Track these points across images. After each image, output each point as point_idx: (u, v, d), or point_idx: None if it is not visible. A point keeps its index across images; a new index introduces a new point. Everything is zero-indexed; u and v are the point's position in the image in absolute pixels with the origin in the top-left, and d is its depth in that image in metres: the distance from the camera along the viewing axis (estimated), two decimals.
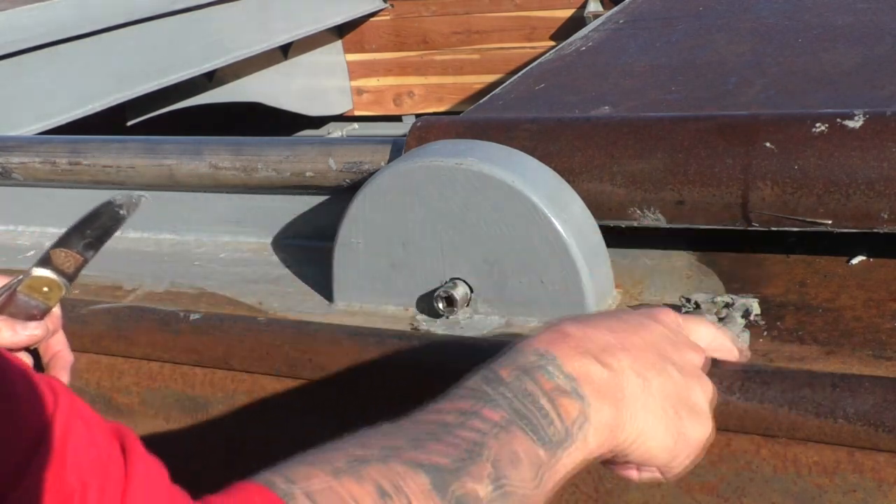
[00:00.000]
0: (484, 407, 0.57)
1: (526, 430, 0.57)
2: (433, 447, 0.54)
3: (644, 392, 0.63)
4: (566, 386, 0.60)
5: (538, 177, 0.93)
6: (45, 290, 0.79)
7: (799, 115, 0.91)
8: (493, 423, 0.57)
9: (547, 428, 0.58)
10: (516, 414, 0.58)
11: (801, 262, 0.95)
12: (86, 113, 2.15)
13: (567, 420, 0.59)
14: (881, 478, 0.73)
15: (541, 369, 0.60)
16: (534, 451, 0.57)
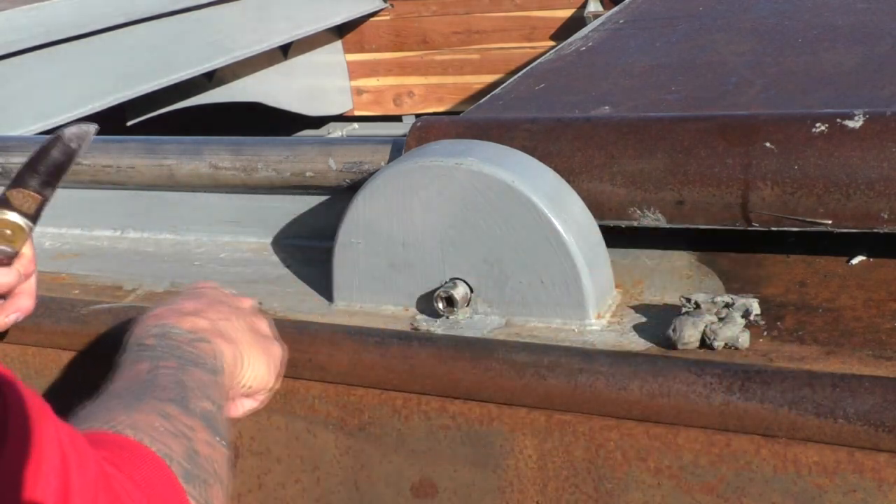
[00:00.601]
0: (159, 361, 0.75)
1: (195, 365, 0.76)
2: (159, 393, 0.71)
3: (237, 331, 0.84)
4: (192, 336, 0.79)
5: (538, 177, 0.93)
6: (7, 233, 0.77)
7: (799, 115, 0.91)
8: (173, 367, 0.74)
9: (204, 362, 0.77)
10: (181, 359, 0.76)
11: (801, 262, 0.95)
12: (86, 113, 2.15)
13: (209, 356, 0.78)
14: (881, 478, 0.73)
15: (168, 333, 0.78)
16: (210, 378, 0.76)
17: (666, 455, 0.81)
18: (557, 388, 0.84)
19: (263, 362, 0.85)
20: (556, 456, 0.85)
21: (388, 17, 3.14)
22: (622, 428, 0.82)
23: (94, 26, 2.15)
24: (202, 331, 0.80)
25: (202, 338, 0.79)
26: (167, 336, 0.78)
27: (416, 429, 0.91)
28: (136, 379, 0.73)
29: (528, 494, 0.87)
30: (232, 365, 0.81)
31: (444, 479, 0.91)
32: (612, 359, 0.84)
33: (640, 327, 0.90)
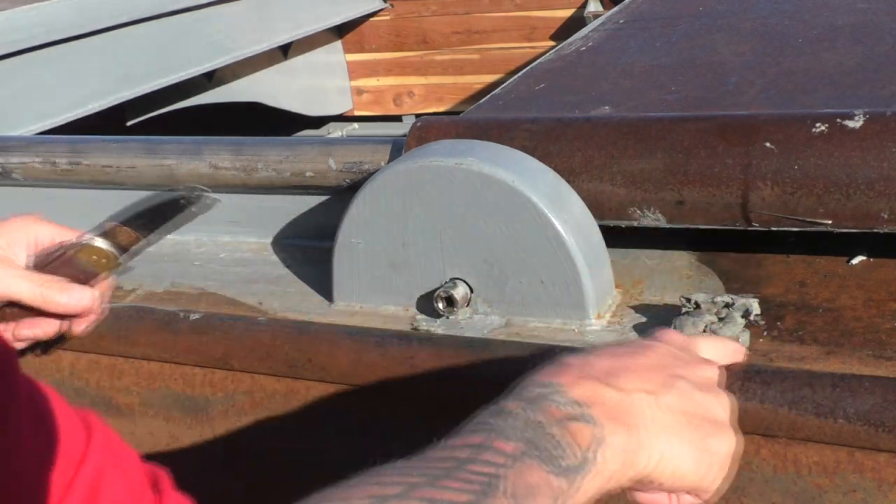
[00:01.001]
0: (496, 439, 0.56)
1: (540, 459, 0.55)
2: (449, 484, 0.53)
3: (659, 411, 0.61)
4: (575, 412, 0.58)
5: (538, 177, 0.93)
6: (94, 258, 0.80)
7: (799, 115, 0.91)
8: (506, 454, 0.55)
9: (561, 456, 0.56)
10: (529, 444, 0.56)
11: (801, 262, 0.95)
12: (86, 113, 2.15)
13: (581, 446, 0.57)
14: (881, 478, 0.73)
15: (546, 398, 0.59)
16: (550, 481, 0.55)
17: None
18: None
19: (690, 457, 0.62)
20: None
21: (388, 17, 3.14)
22: None
23: (94, 26, 2.15)
24: (593, 404, 0.59)
25: (583, 416, 0.58)
26: (538, 403, 0.58)
27: None
28: (452, 455, 0.55)
29: None
30: (619, 457, 0.59)
31: None
32: None
33: (640, 327, 0.90)
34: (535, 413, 0.57)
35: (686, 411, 0.63)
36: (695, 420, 0.63)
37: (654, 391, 0.62)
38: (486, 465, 0.54)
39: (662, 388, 0.62)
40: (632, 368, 0.62)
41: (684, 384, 0.64)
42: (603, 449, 0.57)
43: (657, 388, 0.62)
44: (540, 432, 0.56)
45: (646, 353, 0.65)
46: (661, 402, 0.62)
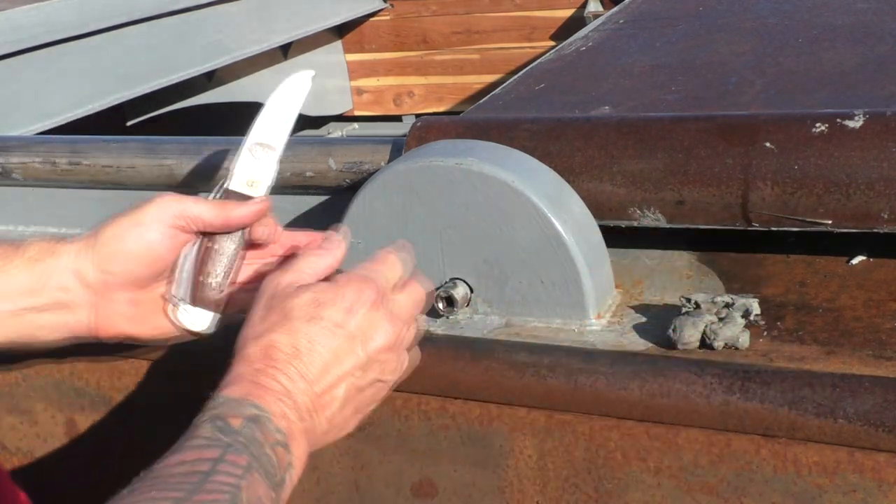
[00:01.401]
0: (228, 453, 0.66)
1: (261, 474, 0.67)
2: (204, 497, 0.63)
3: (330, 422, 0.74)
4: (280, 439, 0.70)
5: (538, 177, 0.93)
6: (252, 183, 0.86)
7: (799, 115, 0.91)
8: (241, 467, 0.65)
9: (274, 473, 0.68)
10: (254, 458, 0.67)
11: (801, 262, 0.95)
12: (86, 113, 2.15)
13: (282, 468, 0.69)
14: (881, 478, 0.73)
15: (262, 422, 0.69)
16: (268, 493, 0.67)
17: (666, 455, 0.81)
18: (557, 388, 0.84)
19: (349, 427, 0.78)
20: (556, 456, 0.85)
21: (388, 17, 3.14)
22: (622, 428, 0.82)
23: (94, 26, 2.15)
24: (291, 434, 0.71)
25: (285, 444, 0.70)
26: (257, 423, 0.69)
27: (416, 429, 0.91)
28: (194, 470, 0.65)
29: (528, 494, 0.87)
30: (297, 474, 0.72)
31: (444, 479, 0.91)
32: (612, 359, 0.84)
33: (640, 327, 0.90)
34: (255, 431, 0.68)
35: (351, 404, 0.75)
36: (360, 401, 0.76)
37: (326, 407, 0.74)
38: (228, 475, 0.64)
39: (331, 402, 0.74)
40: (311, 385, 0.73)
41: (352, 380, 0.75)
42: (291, 472, 0.70)
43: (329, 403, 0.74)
44: (260, 451, 0.68)
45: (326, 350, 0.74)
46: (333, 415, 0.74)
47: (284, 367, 0.73)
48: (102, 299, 0.83)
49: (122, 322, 0.84)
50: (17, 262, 0.82)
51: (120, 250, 0.82)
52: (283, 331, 0.74)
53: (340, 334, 0.74)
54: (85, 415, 1.08)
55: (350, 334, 0.75)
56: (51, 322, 0.83)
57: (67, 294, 0.82)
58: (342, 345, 0.74)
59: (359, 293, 0.76)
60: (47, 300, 0.82)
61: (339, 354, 0.74)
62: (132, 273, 0.83)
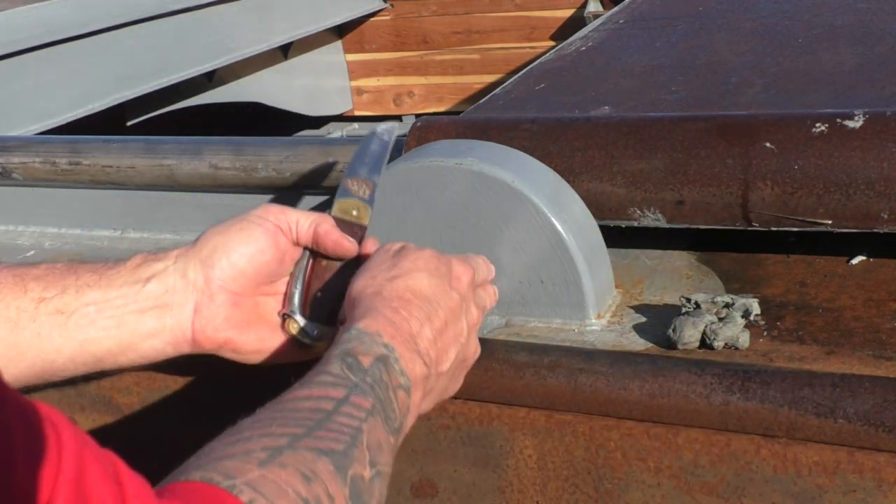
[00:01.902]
0: (353, 394, 0.67)
1: (382, 418, 0.68)
2: (324, 434, 0.63)
3: (438, 381, 0.76)
4: (404, 383, 0.71)
5: (538, 177, 0.93)
6: (355, 213, 0.88)
7: (799, 115, 0.91)
8: (364, 409, 0.67)
9: (393, 418, 0.70)
10: (377, 401, 0.68)
11: (801, 262, 0.95)
12: (86, 113, 2.15)
13: (402, 412, 0.71)
14: (881, 478, 0.73)
15: (389, 363, 0.71)
16: (388, 439, 0.68)
17: (666, 455, 0.81)
18: (557, 388, 0.84)
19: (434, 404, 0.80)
20: (556, 456, 0.85)
21: (388, 17, 3.14)
22: (622, 428, 0.82)
23: (94, 26, 2.15)
24: (415, 379, 0.72)
25: (407, 387, 0.71)
26: (385, 365, 0.70)
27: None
28: (318, 407, 0.66)
29: (528, 494, 0.87)
30: (411, 423, 0.74)
31: (444, 479, 0.91)
32: (612, 359, 0.84)
33: (640, 327, 0.90)
34: (382, 373, 0.70)
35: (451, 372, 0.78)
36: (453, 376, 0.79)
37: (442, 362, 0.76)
38: (350, 418, 0.66)
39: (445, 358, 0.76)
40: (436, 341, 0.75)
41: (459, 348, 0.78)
42: (408, 418, 0.73)
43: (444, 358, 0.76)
44: (384, 394, 0.69)
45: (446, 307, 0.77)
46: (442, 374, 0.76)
47: (417, 312, 0.75)
48: (204, 297, 0.81)
49: (223, 325, 0.81)
50: (121, 270, 0.81)
51: (223, 244, 0.82)
52: (415, 278, 0.76)
53: (455, 296, 0.78)
54: (85, 415, 1.08)
55: (460, 300, 0.78)
56: (151, 327, 0.80)
57: (168, 295, 0.81)
58: (456, 305, 0.78)
59: (465, 269, 0.80)
60: (148, 303, 0.80)
61: (455, 315, 0.78)
62: (235, 266, 0.81)
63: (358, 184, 0.90)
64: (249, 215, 0.84)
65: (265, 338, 0.84)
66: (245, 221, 0.83)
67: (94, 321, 0.79)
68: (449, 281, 0.78)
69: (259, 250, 0.83)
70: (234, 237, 0.82)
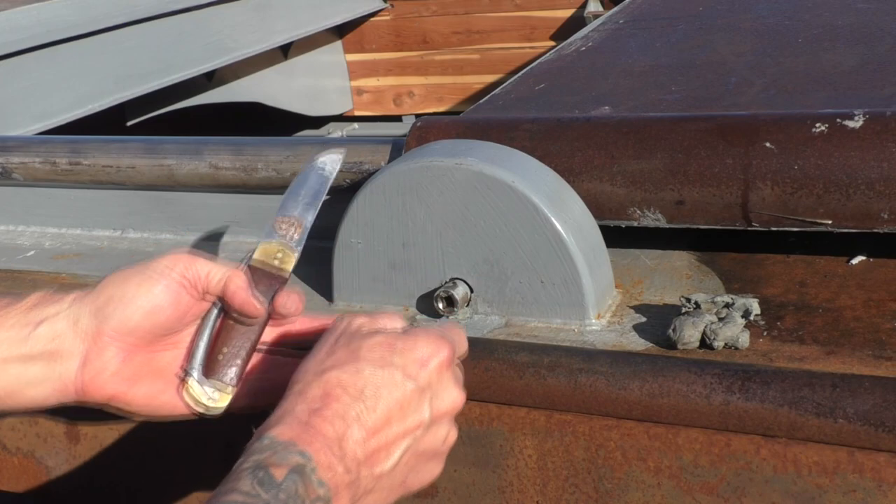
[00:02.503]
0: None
1: None
2: None
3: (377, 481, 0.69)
4: (324, 494, 0.65)
5: (538, 177, 0.93)
6: (276, 259, 0.82)
7: (799, 115, 0.91)
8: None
9: None
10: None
11: (801, 262, 0.95)
12: (86, 113, 2.15)
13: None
14: (881, 478, 0.73)
15: (306, 475, 0.65)
16: None
17: (666, 455, 0.81)
18: (557, 388, 0.84)
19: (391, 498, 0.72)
20: (556, 456, 0.85)
21: (388, 17, 3.14)
22: (622, 428, 0.82)
23: (94, 26, 2.15)
24: (335, 487, 0.66)
25: (327, 498, 0.65)
26: (301, 476, 0.65)
27: None
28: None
29: (528, 494, 0.87)
30: None
31: (444, 479, 0.91)
32: (612, 359, 0.84)
33: (640, 327, 0.90)
34: (297, 486, 0.64)
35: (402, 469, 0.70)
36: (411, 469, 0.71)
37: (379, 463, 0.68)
38: None
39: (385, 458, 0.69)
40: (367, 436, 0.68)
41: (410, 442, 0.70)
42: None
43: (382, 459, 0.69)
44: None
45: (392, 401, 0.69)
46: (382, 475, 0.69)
47: (344, 411, 0.68)
48: (94, 348, 0.77)
49: (111, 379, 0.77)
50: (14, 312, 0.78)
51: (119, 296, 0.77)
52: (350, 370, 0.69)
53: (410, 387, 0.69)
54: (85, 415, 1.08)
55: (420, 388, 0.70)
56: (38, 375, 0.76)
57: (57, 342, 0.77)
58: (410, 398, 0.69)
59: (436, 349, 0.71)
60: (36, 348, 0.76)
61: (405, 407, 0.69)
62: (128, 321, 0.77)
63: (287, 224, 0.84)
64: (154, 266, 0.79)
65: (158, 392, 0.79)
66: (145, 275, 0.78)
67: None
68: (403, 369, 0.70)
69: (156, 307, 0.77)
70: (132, 290, 0.77)
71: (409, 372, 0.70)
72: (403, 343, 0.71)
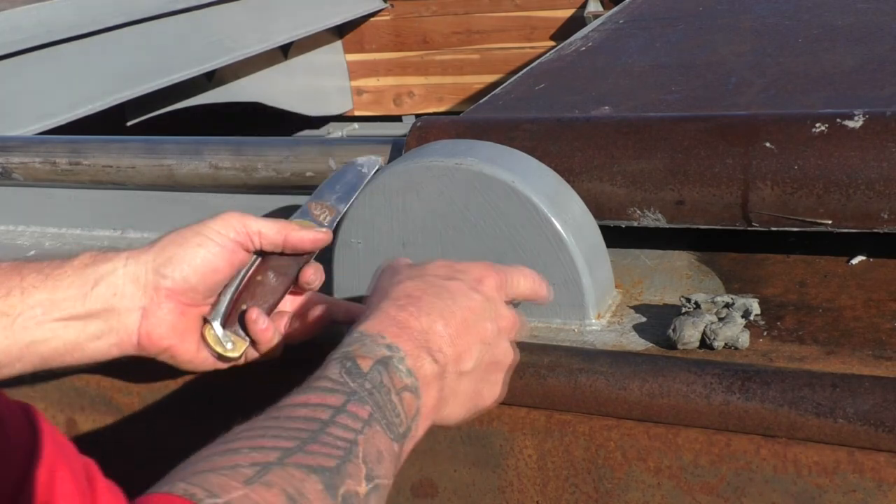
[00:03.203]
0: (350, 403, 0.64)
1: (383, 426, 0.65)
2: (317, 449, 0.61)
3: (461, 382, 0.73)
4: (410, 384, 0.68)
5: (538, 177, 0.93)
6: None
7: (799, 115, 0.91)
8: (360, 419, 0.64)
9: (398, 424, 0.66)
10: (377, 408, 0.65)
11: (801, 262, 0.95)
12: (86, 113, 2.15)
13: (409, 416, 0.68)
14: (881, 478, 0.73)
15: (392, 364, 0.68)
16: (390, 447, 0.65)
17: (666, 455, 0.81)
18: (557, 388, 0.84)
19: (466, 409, 0.75)
20: (556, 456, 0.85)
21: (388, 17, 3.14)
22: (622, 428, 0.82)
23: (94, 26, 2.15)
24: (424, 378, 0.69)
25: (415, 389, 0.68)
26: (385, 366, 0.67)
27: None
28: (313, 416, 0.63)
29: (528, 494, 0.87)
30: (427, 421, 0.71)
31: (444, 479, 0.91)
32: (612, 359, 0.84)
33: (640, 327, 0.90)
34: (383, 376, 0.67)
35: (477, 377, 0.74)
36: (480, 382, 0.75)
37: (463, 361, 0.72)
38: (345, 429, 0.63)
39: (468, 359, 0.73)
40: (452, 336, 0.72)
41: (485, 349, 0.74)
42: (419, 421, 0.69)
43: (465, 361, 0.72)
44: (386, 398, 0.66)
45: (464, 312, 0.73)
46: (462, 376, 0.73)
47: (428, 307, 0.72)
48: (152, 304, 0.81)
49: (167, 331, 0.82)
50: (68, 270, 0.81)
51: (178, 255, 0.82)
52: (425, 281, 0.74)
53: (476, 297, 0.75)
54: (85, 415, 1.08)
55: (484, 298, 0.75)
56: (98, 329, 0.81)
57: (116, 298, 0.81)
58: (479, 305, 0.74)
59: (486, 271, 0.77)
60: (96, 305, 0.80)
61: (477, 314, 0.74)
62: (186, 280, 0.82)
63: (321, 208, 0.89)
64: (209, 228, 0.83)
65: (200, 347, 0.85)
66: (204, 236, 0.83)
67: (41, 323, 0.79)
68: (468, 283, 0.75)
69: (214, 268, 0.83)
70: (192, 252, 0.82)
71: (472, 286, 0.75)
72: (460, 265, 0.77)
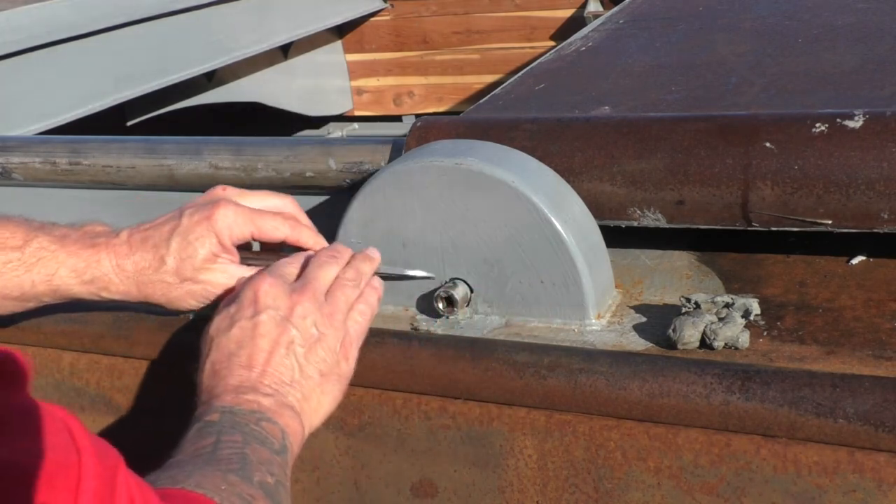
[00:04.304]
0: (222, 435, 0.75)
1: (259, 443, 0.75)
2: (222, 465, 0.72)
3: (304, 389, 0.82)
4: (258, 416, 0.78)
5: (538, 177, 0.93)
6: None
7: (799, 115, 0.91)
8: (238, 442, 0.74)
9: (272, 441, 0.76)
10: (247, 435, 0.75)
11: (801, 262, 0.95)
12: (86, 113, 2.15)
13: (277, 436, 0.77)
14: (881, 478, 0.73)
15: (234, 412, 0.77)
16: (272, 457, 0.76)
17: (666, 455, 0.81)
18: (557, 388, 0.84)
19: (332, 401, 0.84)
20: (556, 456, 0.85)
21: (388, 17, 3.14)
22: (622, 428, 0.82)
23: (94, 26, 2.15)
24: (266, 410, 0.78)
25: (267, 418, 0.78)
26: (232, 413, 0.77)
27: (416, 429, 0.91)
28: (199, 452, 0.74)
29: (528, 494, 0.87)
30: (299, 439, 0.80)
31: (444, 479, 0.91)
32: (612, 359, 0.84)
33: (640, 327, 0.90)
34: (234, 418, 0.77)
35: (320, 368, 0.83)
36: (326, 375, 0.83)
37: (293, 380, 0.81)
38: (232, 447, 0.74)
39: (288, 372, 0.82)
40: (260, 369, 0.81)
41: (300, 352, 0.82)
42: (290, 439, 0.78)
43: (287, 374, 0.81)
44: (247, 429, 0.76)
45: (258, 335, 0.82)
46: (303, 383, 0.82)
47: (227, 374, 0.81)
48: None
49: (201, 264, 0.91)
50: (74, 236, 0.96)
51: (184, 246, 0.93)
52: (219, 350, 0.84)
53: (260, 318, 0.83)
54: (85, 415, 1.08)
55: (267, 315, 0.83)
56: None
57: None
58: (266, 327, 0.82)
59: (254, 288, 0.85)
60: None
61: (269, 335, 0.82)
62: (193, 261, 0.92)
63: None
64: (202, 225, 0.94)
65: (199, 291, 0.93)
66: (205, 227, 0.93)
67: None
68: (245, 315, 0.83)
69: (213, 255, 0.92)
70: (193, 247, 0.92)
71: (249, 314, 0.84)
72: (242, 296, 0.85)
